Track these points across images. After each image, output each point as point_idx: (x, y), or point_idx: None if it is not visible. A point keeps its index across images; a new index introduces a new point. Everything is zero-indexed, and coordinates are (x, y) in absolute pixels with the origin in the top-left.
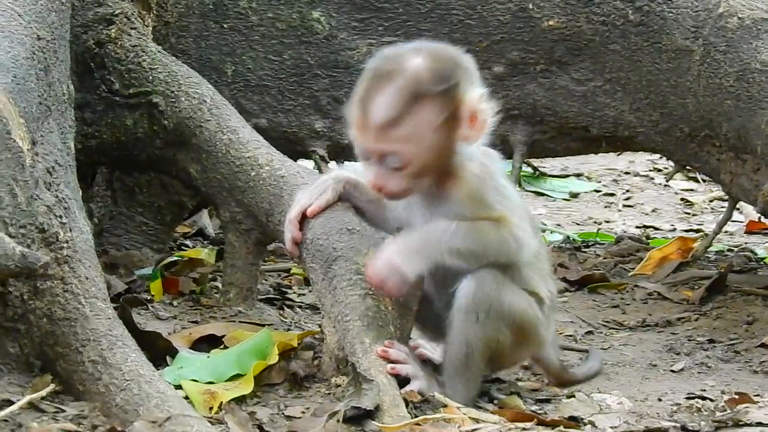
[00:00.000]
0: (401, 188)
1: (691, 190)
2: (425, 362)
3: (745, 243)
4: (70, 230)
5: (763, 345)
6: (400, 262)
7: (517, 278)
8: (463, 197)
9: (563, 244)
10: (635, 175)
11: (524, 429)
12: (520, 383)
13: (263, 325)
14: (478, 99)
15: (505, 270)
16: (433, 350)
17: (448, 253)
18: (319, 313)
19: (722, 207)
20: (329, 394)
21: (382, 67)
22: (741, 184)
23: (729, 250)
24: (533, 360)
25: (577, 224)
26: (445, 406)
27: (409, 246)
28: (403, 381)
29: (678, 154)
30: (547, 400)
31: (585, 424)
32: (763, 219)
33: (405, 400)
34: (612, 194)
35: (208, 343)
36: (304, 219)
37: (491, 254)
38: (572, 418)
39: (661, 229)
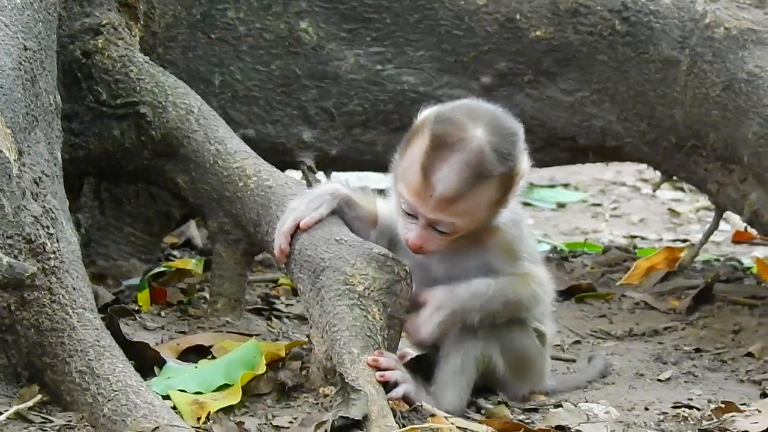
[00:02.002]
0: (440, 249)
1: (678, 200)
2: (413, 371)
3: (732, 253)
4: (58, 241)
5: (749, 354)
6: (444, 322)
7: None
8: (498, 250)
9: (550, 254)
10: (622, 185)
11: None
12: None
13: (251, 336)
14: (527, 167)
15: None
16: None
17: (484, 315)
18: (307, 323)
19: (709, 217)
20: (317, 404)
21: (445, 136)
22: (728, 194)
23: (716, 259)
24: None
25: (565, 234)
26: (433, 415)
27: (451, 307)
28: (392, 388)
29: (665, 164)
30: (535, 410)
31: None
32: (749, 229)
33: (393, 409)
34: (599, 204)
35: (195, 354)
36: (296, 231)
37: (521, 310)
38: (559, 428)
39: (648, 239)
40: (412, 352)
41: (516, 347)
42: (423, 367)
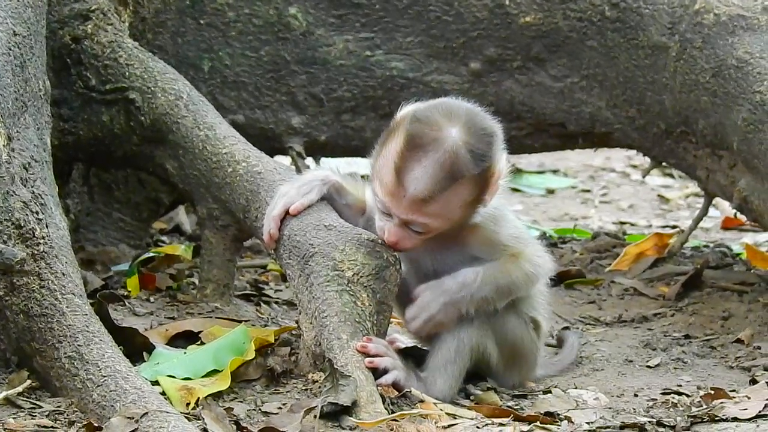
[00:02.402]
0: (415, 246)
1: (668, 186)
2: (404, 357)
3: (721, 239)
4: (47, 226)
5: (738, 340)
6: (437, 316)
7: (520, 302)
8: (479, 244)
9: (539, 240)
10: (612, 172)
11: (501, 425)
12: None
13: (240, 321)
14: (505, 167)
15: None
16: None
17: (478, 303)
18: (296, 309)
19: (698, 203)
20: (306, 389)
21: (420, 136)
22: (717, 180)
23: (705, 246)
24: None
25: (554, 220)
26: (422, 401)
27: (441, 301)
28: (381, 374)
29: (654, 150)
30: (524, 396)
31: (561, 420)
32: (738, 215)
33: (382, 396)
34: (588, 190)
35: (184, 339)
36: (285, 216)
37: (515, 292)
38: (548, 414)
39: (638, 225)
40: (401, 338)
41: (511, 337)
42: (414, 353)
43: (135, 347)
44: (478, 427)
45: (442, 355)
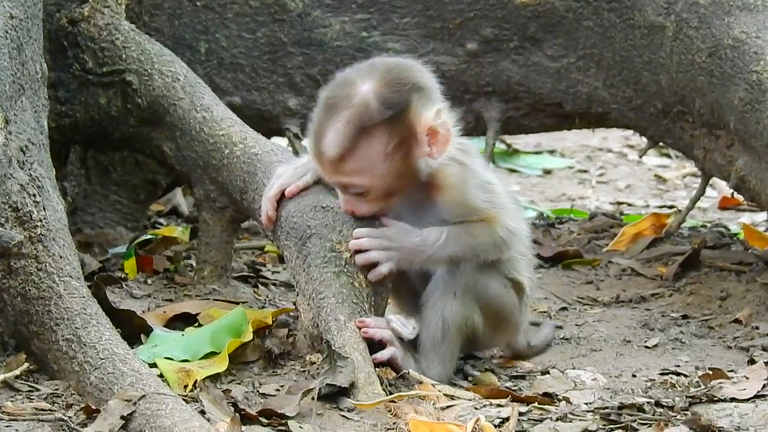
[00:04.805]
0: (371, 211)
1: (665, 166)
2: (401, 340)
3: (719, 219)
4: (44, 209)
5: (736, 320)
6: (377, 258)
7: (500, 265)
8: (447, 205)
9: (537, 221)
10: (609, 152)
11: (499, 405)
12: (494, 360)
13: (238, 303)
14: (434, 116)
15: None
16: (404, 326)
17: (437, 262)
18: (294, 290)
19: (695, 183)
20: (304, 371)
21: (333, 96)
22: (714, 159)
23: (702, 225)
24: (508, 342)
25: (551, 201)
26: (420, 383)
27: (396, 247)
28: (378, 349)
29: (651, 130)
30: (522, 377)
31: (559, 401)
32: (736, 195)
33: (380, 377)
34: (585, 171)
35: (182, 321)
36: (282, 198)
37: (483, 255)
38: (547, 395)
39: (635, 205)
40: (396, 319)
41: (493, 303)
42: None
43: (133, 329)
44: (476, 408)
45: (430, 338)
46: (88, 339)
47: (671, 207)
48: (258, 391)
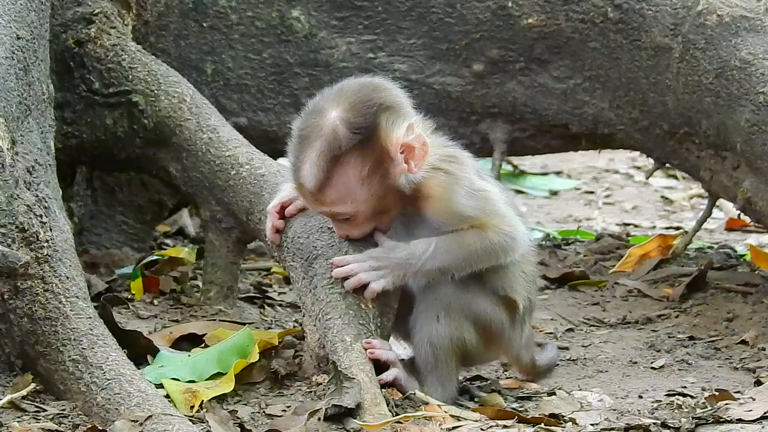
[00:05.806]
0: (364, 233)
1: (671, 187)
2: (403, 361)
3: (725, 240)
4: (51, 229)
5: (743, 342)
6: (368, 279)
7: (492, 281)
8: (435, 215)
9: (543, 242)
10: (615, 173)
11: (505, 427)
12: (500, 381)
13: (244, 324)
14: (406, 132)
15: (478, 273)
16: (403, 349)
17: (428, 274)
18: (300, 311)
19: (702, 204)
20: (310, 392)
21: (304, 127)
22: (720, 181)
23: (709, 247)
24: (507, 359)
25: (558, 222)
26: (426, 404)
27: (385, 265)
28: (383, 370)
29: (658, 151)
30: (528, 398)
31: (566, 422)
32: (742, 216)
33: (386, 398)
34: (592, 192)
35: (188, 342)
36: (283, 211)
37: (476, 263)
38: (553, 416)
39: (641, 227)
40: (396, 343)
41: (478, 317)
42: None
43: (139, 350)
44: (482, 429)
45: (424, 364)
46: (94, 359)
47: (678, 228)
48: (264, 411)
